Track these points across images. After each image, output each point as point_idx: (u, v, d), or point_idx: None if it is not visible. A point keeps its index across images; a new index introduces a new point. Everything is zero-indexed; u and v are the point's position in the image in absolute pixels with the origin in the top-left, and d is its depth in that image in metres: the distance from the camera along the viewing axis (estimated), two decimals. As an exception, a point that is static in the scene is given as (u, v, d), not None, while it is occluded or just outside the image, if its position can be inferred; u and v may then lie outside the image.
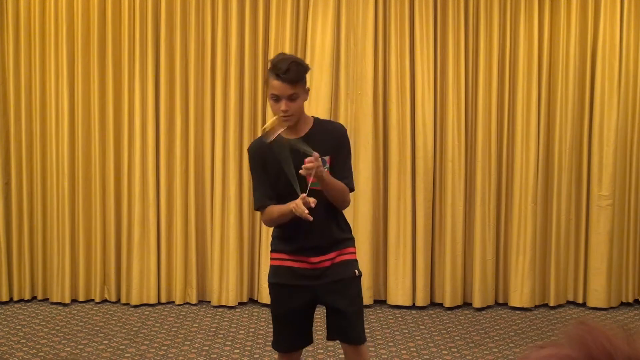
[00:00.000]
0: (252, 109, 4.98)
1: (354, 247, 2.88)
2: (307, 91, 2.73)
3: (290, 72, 2.61)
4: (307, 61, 4.91)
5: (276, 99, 2.64)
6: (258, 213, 5.02)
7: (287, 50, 4.87)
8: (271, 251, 2.87)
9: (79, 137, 4.90)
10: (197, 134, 4.97)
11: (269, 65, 2.71)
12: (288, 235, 2.78)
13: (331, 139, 2.76)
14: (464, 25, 4.97)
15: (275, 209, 2.72)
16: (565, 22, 5.02)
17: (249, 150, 2.89)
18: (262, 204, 2.78)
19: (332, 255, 2.77)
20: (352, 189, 2.80)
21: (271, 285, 2.86)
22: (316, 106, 4.86)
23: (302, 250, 2.75)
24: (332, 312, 2.82)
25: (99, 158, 4.93)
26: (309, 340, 2.90)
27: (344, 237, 2.84)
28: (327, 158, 2.72)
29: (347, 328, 2.81)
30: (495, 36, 4.97)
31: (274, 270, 2.84)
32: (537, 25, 4.99)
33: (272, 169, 2.73)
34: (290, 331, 2.84)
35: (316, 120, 2.82)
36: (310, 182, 2.62)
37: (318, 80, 4.87)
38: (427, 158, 4.98)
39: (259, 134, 4.97)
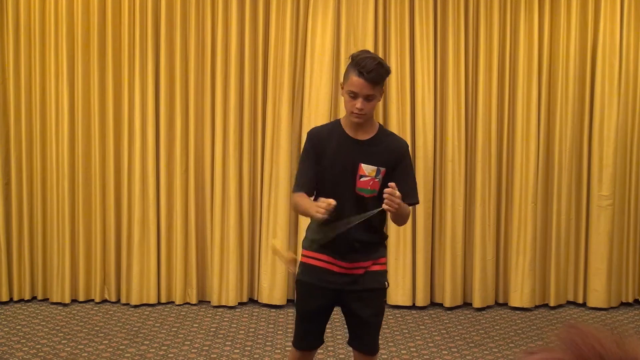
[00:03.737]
0: (252, 109, 4.98)
1: (386, 256, 2.89)
2: (382, 92, 2.72)
3: (374, 73, 2.59)
4: (307, 61, 4.93)
5: (354, 95, 2.63)
6: (258, 213, 5.05)
7: (287, 50, 4.87)
8: (304, 248, 2.84)
9: (79, 137, 4.90)
10: (197, 134, 4.97)
11: (352, 59, 2.67)
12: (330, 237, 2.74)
13: (392, 154, 2.74)
14: (464, 25, 4.97)
15: (304, 201, 2.67)
16: (565, 22, 5.02)
17: (311, 132, 2.84)
18: (298, 189, 2.75)
19: (367, 263, 2.76)
20: (417, 203, 2.83)
21: (299, 283, 2.85)
22: (316, 106, 4.87)
23: (338, 253, 2.74)
24: (354, 319, 2.83)
25: (99, 158, 4.93)
26: (322, 341, 2.91)
27: (381, 246, 2.84)
28: (382, 169, 2.70)
29: (366, 338, 2.83)
30: (495, 36, 4.97)
31: (305, 269, 2.82)
32: (537, 25, 4.99)
33: (328, 158, 2.71)
34: (313, 330, 2.85)
35: (381, 127, 2.81)
36: (358, 188, 2.65)
37: (318, 80, 4.87)
38: (427, 158, 4.98)
39: (259, 134, 5.00)
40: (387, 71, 2.68)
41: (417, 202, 2.83)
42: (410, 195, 2.76)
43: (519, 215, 5.06)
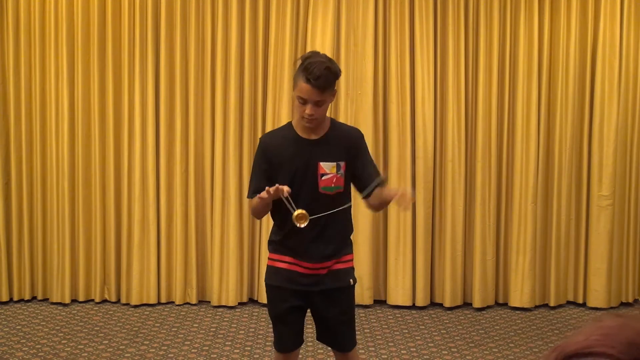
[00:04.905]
0: (252, 109, 4.98)
1: (352, 253, 2.85)
2: (334, 94, 2.66)
3: (322, 79, 2.52)
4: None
5: (303, 102, 2.58)
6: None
7: (287, 50, 4.87)
8: (269, 251, 2.85)
9: (79, 137, 4.90)
10: (197, 134, 4.97)
11: (300, 62, 2.61)
12: (287, 238, 2.76)
13: (347, 144, 2.72)
14: (464, 25, 4.97)
15: (255, 201, 2.69)
16: (565, 22, 5.02)
17: (262, 139, 2.83)
18: (252, 195, 2.74)
19: (329, 263, 2.75)
20: (384, 179, 2.79)
21: (267, 287, 2.86)
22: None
23: (299, 254, 2.73)
24: (322, 319, 2.83)
25: (99, 158, 4.93)
26: (302, 340, 2.90)
27: (344, 244, 2.81)
28: (342, 164, 2.69)
29: (337, 336, 2.83)
30: (495, 36, 4.98)
31: (270, 272, 2.82)
32: (537, 25, 4.99)
33: (282, 165, 2.69)
34: (288, 331, 2.83)
35: (332, 122, 2.78)
36: (322, 187, 2.64)
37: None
38: (427, 158, 4.98)
39: (259, 134, 4.99)
40: (336, 74, 2.60)
41: (384, 179, 2.77)
42: (375, 177, 2.73)
43: (519, 215, 5.06)
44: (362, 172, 2.74)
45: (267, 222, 4.99)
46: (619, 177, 5.11)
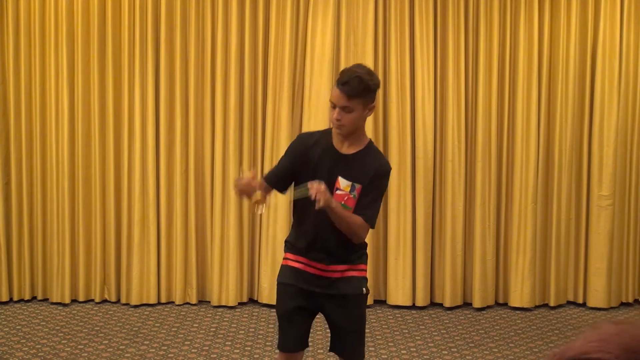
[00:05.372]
0: (252, 109, 4.98)
1: (366, 264, 2.87)
2: (370, 108, 2.68)
3: (348, 85, 2.59)
4: (307, 61, 4.92)
5: (333, 106, 2.67)
6: (258, 213, 5.04)
7: (287, 50, 4.87)
8: (284, 251, 2.89)
9: (79, 137, 4.90)
10: (197, 134, 4.97)
11: None
12: (302, 238, 2.79)
13: (370, 171, 2.72)
14: (464, 25, 4.97)
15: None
16: (565, 22, 5.02)
17: (299, 136, 2.95)
18: (265, 176, 2.86)
19: (342, 267, 2.77)
20: (370, 226, 2.74)
21: (278, 285, 2.88)
22: (316, 107, 4.87)
23: (313, 255, 2.76)
24: (332, 326, 2.84)
25: (99, 158, 4.93)
26: (306, 344, 2.89)
27: (358, 252, 2.83)
28: (358, 186, 2.70)
29: (346, 345, 2.82)
30: (495, 36, 4.98)
31: (283, 271, 2.85)
32: (537, 25, 4.99)
33: (309, 165, 2.74)
34: (293, 331, 2.83)
35: (369, 145, 2.78)
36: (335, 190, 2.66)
37: (318, 81, 4.87)
38: (427, 158, 4.98)
39: (259, 134, 5.00)
40: (368, 86, 2.62)
41: (368, 223, 2.71)
42: (363, 210, 2.69)
43: (519, 215, 5.06)
44: (359, 201, 2.71)
45: (267, 223, 4.99)
46: (619, 177, 5.12)
